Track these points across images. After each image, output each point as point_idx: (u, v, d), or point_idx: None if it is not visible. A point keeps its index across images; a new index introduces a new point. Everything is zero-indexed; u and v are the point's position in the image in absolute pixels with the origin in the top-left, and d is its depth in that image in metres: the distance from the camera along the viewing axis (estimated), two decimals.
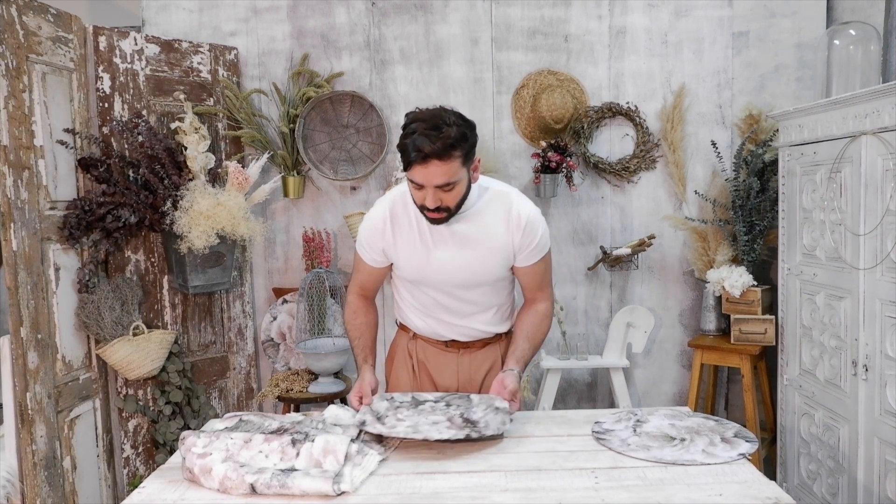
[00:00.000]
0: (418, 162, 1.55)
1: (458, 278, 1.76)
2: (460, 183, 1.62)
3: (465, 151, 1.59)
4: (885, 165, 2.01)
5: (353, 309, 1.92)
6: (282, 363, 3.07)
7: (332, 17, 3.07)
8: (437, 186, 1.58)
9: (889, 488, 2.02)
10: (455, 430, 1.49)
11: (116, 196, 2.50)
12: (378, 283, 1.93)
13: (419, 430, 1.50)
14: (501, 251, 1.75)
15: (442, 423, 1.54)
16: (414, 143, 1.54)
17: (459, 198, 1.64)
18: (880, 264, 2.04)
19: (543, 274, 1.83)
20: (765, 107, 2.99)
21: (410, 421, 1.56)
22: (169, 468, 1.44)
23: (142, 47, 2.70)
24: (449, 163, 1.56)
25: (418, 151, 1.53)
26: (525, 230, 1.73)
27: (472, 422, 1.54)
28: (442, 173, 1.56)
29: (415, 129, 1.56)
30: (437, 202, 1.61)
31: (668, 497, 1.23)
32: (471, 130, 1.61)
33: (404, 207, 1.76)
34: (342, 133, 3.08)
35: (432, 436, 1.47)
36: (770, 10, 3.04)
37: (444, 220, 1.66)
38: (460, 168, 1.59)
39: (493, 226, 1.73)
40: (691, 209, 3.08)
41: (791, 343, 2.58)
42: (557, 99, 2.97)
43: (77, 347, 2.47)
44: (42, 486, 2.23)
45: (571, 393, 3.22)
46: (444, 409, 1.63)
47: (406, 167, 1.59)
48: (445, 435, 1.47)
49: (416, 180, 1.59)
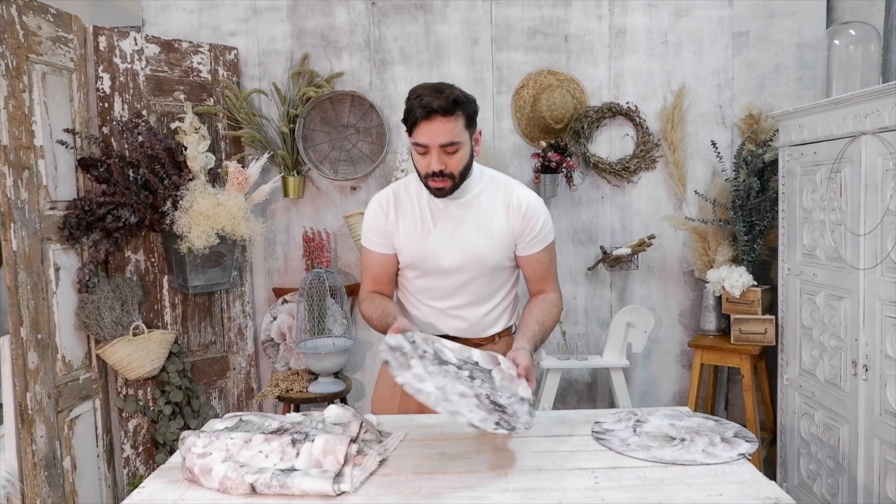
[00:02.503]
0: (423, 118, 1.60)
1: (455, 260, 1.76)
2: (463, 147, 1.66)
3: (467, 113, 1.65)
4: (885, 165, 2.01)
5: (368, 297, 1.82)
6: (282, 363, 3.07)
7: (332, 17, 3.07)
8: (442, 146, 1.63)
9: (889, 488, 2.02)
10: (484, 412, 1.36)
11: (116, 196, 2.50)
12: (391, 273, 1.86)
13: (449, 399, 1.34)
14: (500, 236, 1.76)
15: (470, 398, 1.39)
16: (420, 101, 1.61)
17: (463, 164, 1.68)
18: (880, 264, 2.04)
19: (548, 264, 1.83)
20: (765, 107, 2.99)
21: (437, 381, 1.38)
22: (169, 468, 1.44)
23: (142, 47, 2.70)
24: (453, 120, 1.62)
25: (423, 108, 1.59)
26: (525, 216, 1.76)
27: (500, 406, 1.40)
28: (447, 131, 1.61)
29: (419, 93, 1.63)
30: (442, 165, 1.64)
31: (668, 497, 1.23)
32: (472, 99, 1.68)
33: (407, 191, 1.81)
34: (342, 133, 3.08)
35: (463, 413, 1.31)
36: (770, 10, 3.04)
37: (449, 190, 1.70)
38: (463, 130, 1.65)
39: (494, 210, 1.76)
40: (691, 209, 3.08)
41: (791, 343, 2.58)
42: (557, 99, 2.97)
43: (77, 347, 2.47)
44: (42, 486, 2.23)
45: (571, 393, 3.22)
46: (469, 381, 1.46)
47: (411, 129, 1.65)
48: (476, 418, 1.32)
49: (422, 140, 1.64)
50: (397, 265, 1.86)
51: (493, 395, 1.44)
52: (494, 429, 1.33)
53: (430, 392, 1.33)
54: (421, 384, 1.35)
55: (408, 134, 1.68)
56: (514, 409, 1.42)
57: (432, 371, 1.42)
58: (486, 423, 1.32)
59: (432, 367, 1.44)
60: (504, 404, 1.42)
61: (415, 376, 1.37)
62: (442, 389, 1.36)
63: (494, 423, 1.34)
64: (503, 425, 1.35)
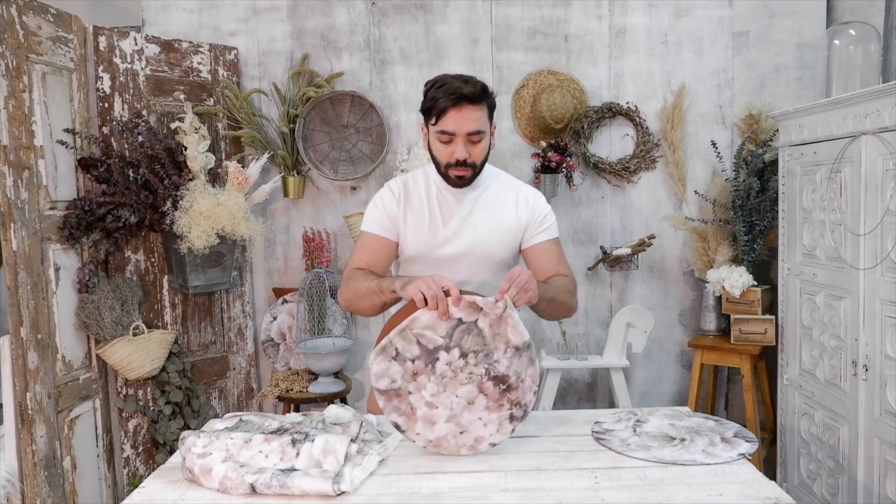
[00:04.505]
0: (453, 105, 1.60)
1: (463, 255, 1.75)
2: (485, 138, 1.68)
3: (490, 103, 1.67)
4: (885, 165, 2.01)
5: (359, 273, 1.71)
6: (282, 363, 3.07)
7: (332, 17, 3.07)
8: (469, 134, 1.63)
9: (889, 488, 2.02)
10: (494, 406, 1.42)
11: (116, 196, 2.50)
12: (386, 261, 1.78)
13: (461, 423, 1.42)
14: (507, 230, 1.77)
15: (476, 397, 1.42)
16: (449, 87, 1.60)
17: (484, 155, 1.70)
18: (880, 264, 2.04)
19: (558, 255, 1.80)
20: (765, 107, 2.99)
21: (437, 399, 1.41)
22: (169, 468, 1.44)
23: (142, 47, 2.70)
24: (480, 109, 1.63)
25: (453, 94, 1.59)
26: (531, 205, 1.78)
27: (501, 378, 1.41)
28: (475, 119, 1.62)
29: (445, 80, 1.63)
30: (466, 155, 1.65)
31: (668, 497, 1.23)
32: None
33: (415, 185, 1.80)
34: (342, 133, 3.08)
35: (483, 438, 1.43)
36: (770, 10, 3.04)
37: (468, 180, 1.71)
38: (487, 121, 1.67)
39: (502, 204, 1.78)
40: (691, 209, 3.08)
41: (791, 343, 2.58)
42: (557, 99, 2.97)
43: (77, 347, 2.47)
44: (42, 486, 2.23)
45: (571, 393, 3.22)
46: (463, 365, 1.43)
47: (438, 117, 1.63)
48: (493, 434, 1.42)
49: (449, 128, 1.63)
50: (393, 257, 1.81)
51: (491, 369, 1.43)
52: (510, 419, 1.43)
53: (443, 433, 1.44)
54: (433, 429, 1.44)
55: (430, 123, 1.66)
56: (516, 373, 1.43)
57: (425, 385, 1.43)
58: (502, 426, 1.43)
59: (425, 377, 1.43)
60: (504, 372, 1.42)
61: (421, 419, 1.44)
62: (450, 410, 1.43)
63: (509, 416, 1.43)
64: (515, 414, 1.43)
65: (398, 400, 1.44)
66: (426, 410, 1.44)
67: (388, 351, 1.43)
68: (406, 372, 1.43)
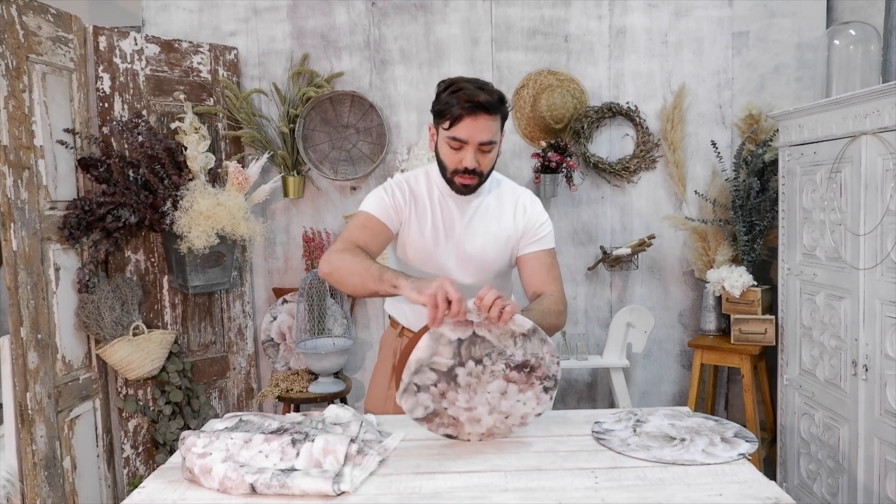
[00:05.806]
0: (469, 113, 1.56)
1: (460, 260, 1.74)
2: (495, 148, 1.66)
3: (503, 115, 1.63)
4: (885, 165, 2.01)
5: (349, 249, 1.61)
6: (282, 363, 3.07)
7: (332, 17, 3.07)
8: (481, 144, 1.60)
9: (889, 488, 2.02)
10: (526, 388, 1.46)
11: (116, 196, 2.50)
12: (379, 246, 1.70)
13: (503, 411, 1.48)
14: (504, 239, 1.75)
15: (507, 387, 1.45)
16: (466, 94, 1.55)
17: (492, 165, 1.68)
18: (880, 264, 2.04)
19: (550, 266, 1.76)
20: (765, 107, 2.99)
21: (473, 402, 1.46)
22: (169, 468, 1.44)
23: (142, 47, 2.70)
24: (495, 119, 1.60)
25: (471, 101, 1.55)
26: (528, 213, 1.76)
27: (521, 365, 1.43)
28: (489, 128, 1.59)
29: (461, 85, 1.58)
30: (475, 164, 1.62)
31: (668, 497, 1.23)
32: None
33: (418, 186, 1.77)
34: (342, 133, 3.08)
35: (528, 414, 1.49)
36: (770, 10, 3.04)
37: (474, 188, 1.68)
38: (499, 131, 1.64)
39: (502, 213, 1.76)
40: (691, 209, 3.08)
41: (791, 343, 2.58)
42: (557, 99, 2.97)
43: (77, 347, 2.47)
44: (42, 486, 2.23)
45: (571, 393, 3.22)
46: (482, 370, 1.43)
47: (452, 123, 1.59)
48: (535, 407, 1.48)
49: (461, 136, 1.59)
50: (385, 246, 1.76)
51: (509, 359, 1.45)
52: (544, 390, 1.48)
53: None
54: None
55: (442, 127, 1.62)
56: (534, 355, 1.45)
57: (460, 398, 1.47)
58: (544, 404, 1.49)
59: (455, 393, 1.46)
60: (525, 359, 1.45)
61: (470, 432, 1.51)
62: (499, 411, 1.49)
63: (543, 388, 1.47)
64: (548, 386, 1.47)
65: (439, 418, 1.48)
66: (468, 415, 1.48)
67: (410, 390, 1.46)
68: (434, 396, 1.46)
